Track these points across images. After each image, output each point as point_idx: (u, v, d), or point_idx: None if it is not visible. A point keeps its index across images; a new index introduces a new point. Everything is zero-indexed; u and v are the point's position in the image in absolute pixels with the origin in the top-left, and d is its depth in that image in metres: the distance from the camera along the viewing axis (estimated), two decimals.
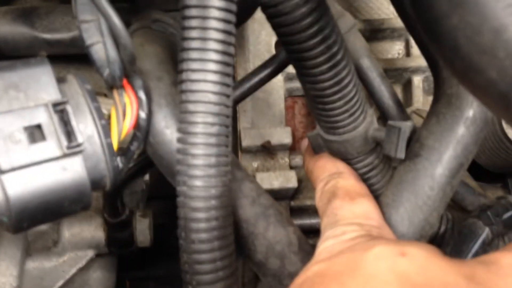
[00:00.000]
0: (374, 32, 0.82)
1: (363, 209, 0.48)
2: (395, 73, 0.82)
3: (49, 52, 0.59)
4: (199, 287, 0.43)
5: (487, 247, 0.62)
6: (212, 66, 0.41)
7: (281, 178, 0.74)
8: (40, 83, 0.39)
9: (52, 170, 0.38)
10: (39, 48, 0.58)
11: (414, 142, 0.53)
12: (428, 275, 0.36)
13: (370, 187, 0.55)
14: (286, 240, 0.50)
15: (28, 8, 0.61)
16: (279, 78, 0.79)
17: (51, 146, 0.38)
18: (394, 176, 0.53)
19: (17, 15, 0.58)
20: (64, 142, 0.38)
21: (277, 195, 0.75)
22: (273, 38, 0.78)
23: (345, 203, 0.48)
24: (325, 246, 0.45)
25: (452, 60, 0.33)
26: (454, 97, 0.52)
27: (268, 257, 0.50)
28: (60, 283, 0.75)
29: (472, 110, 0.51)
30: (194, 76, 0.41)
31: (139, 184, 0.78)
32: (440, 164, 0.51)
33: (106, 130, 0.41)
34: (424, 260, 0.37)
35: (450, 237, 0.65)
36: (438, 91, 0.55)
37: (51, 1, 0.62)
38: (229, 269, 0.44)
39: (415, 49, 0.83)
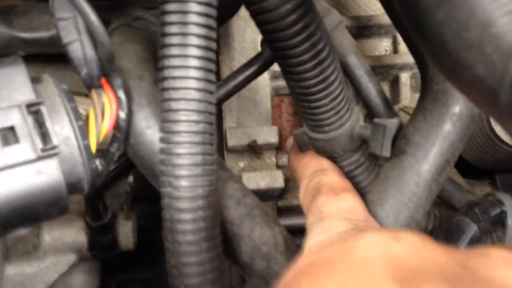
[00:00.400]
0: (361, 29, 0.81)
1: (348, 204, 0.48)
2: (383, 70, 0.81)
3: (27, 51, 0.57)
4: None
5: (475, 244, 0.62)
6: (194, 62, 0.40)
7: (268, 178, 0.73)
8: (14, 83, 0.37)
9: (27, 173, 0.36)
10: (16, 48, 0.56)
11: (400, 138, 0.52)
12: (421, 259, 0.35)
13: (356, 185, 0.55)
14: (272, 241, 0.49)
15: (6, 6, 0.60)
16: (265, 76, 0.78)
17: (25, 148, 0.37)
18: (380, 173, 0.53)
19: None
20: (39, 145, 0.37)
21: (263, 195, 0.74)
22: (259, 36, 0.77)
23: (329, 199, 0.48)
24: (313, 240, 0.44)
25: (439, 56, 0.32)
26: (441, 94, 0.52)
27: (254, 258, 0.49)
28: (41, 287, 0.73)
29: (458, 106, 0.51)
30: (176, 73, 0.40)
31: (123, 186, 0.76)
32: (426, 161, 0.50)
33: (83, 131, 0.39)
34: (417, 245, 0.36)
35: (438, 234, 0.65)
36: (425, 88, 0.54)
37: (29, 0, 0.61)
38: (218, 271, 0.43)
39: (402, 46, 0.82)
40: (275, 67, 0.70)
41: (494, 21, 0.28)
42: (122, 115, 0.43)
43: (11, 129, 0.36)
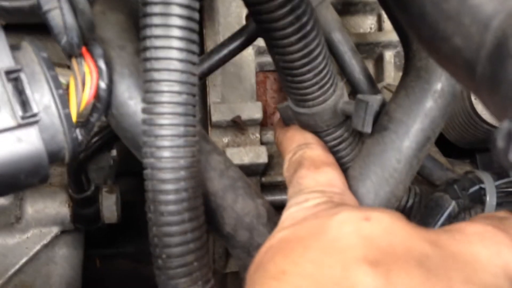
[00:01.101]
0: (346, 5, 0.81)
1: (327, 177, 0.48)
2: (367, 48, 0.81)
3: (8, 20, 0.56)
4: (169, 260, 0.42)
5: (453, 221, 0.63)
6: (177, 32, 0.39)
7: (252, 154, 0.73)
8: None
9: (6, 141, 0.36)
10: None
11: (382, 115, 0.53)
12: (392, 239, 0.36)
13: (339, 160, 0.55)
14: (255, 212, 0.50)
15: None
16: (250, 52, 0.78)
17: (5, 116, 0.36)
18: (362, 149, 0.53)
19: None
20: (19, 112, 0.37)
21: (247, 170, 0.74)
22: (244, 10, 0.76)
23: (309, 172, 0.48)
24: (288, 213, 0.45)
25: (419, 27, 0.32)
26: (423, 70, 0.52)
27: (237, 229, 0.49)
28: (24, 259, 0.73)
29: (440, 83, 0.51)
30: (158, 42, 0.39)
31: (106, 159, 0.76)
32: (407, 137, 0.51)
33: (64, 100, 0.39)
34: (388, 224, 0.37)
35: (417, 210, 0.66)
36: (408, 64, 0.55)
37: None
38: (199, 241, 0.43)
39: (387, 24, 0.82)
40: (260, 42, 0.70)
41: None
42: (103, 85, 0.43)
43: None
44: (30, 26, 0.62)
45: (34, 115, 0.37)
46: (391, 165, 0.51)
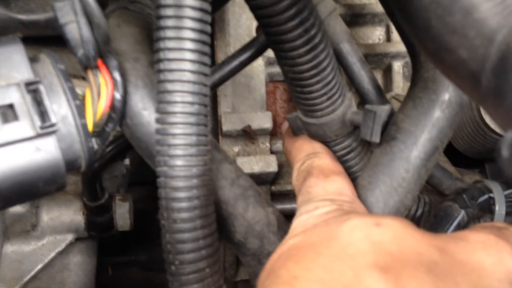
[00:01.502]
0: (355, 17, 0.82)
1: (336, 186, 0.49)
2: (376, 59, 0.82)
3: (25, 33, 0.58)
4: (182, 266, 0.43)
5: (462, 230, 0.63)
6: (189, 45, 0.40)
7: (262, 163, 0.74)
8: (12, 62, 0.38)
9: (26, 150, 0.37)
10: (14, 29, 0.57)
11: (391, 125, 0.54)
12: (402, 244, 0.37)
13: (348, 169, 0.56)
14: (265, 221, 0.51)
15: None
16: (260, 62, 0.79)
17: (24, 126, 0.38)
18: (371, 159, 0.54)
19: None
20: (38, 122, 0.38)
21: (257, 179, 0.75)
22: (254, 22, 0.78)
23: (318, 181, 0.49)
24: (299, 221, 0.45)
25: (425, 40, 0.33)
26: (431, 81, 0.53)
27: (248, 237, 0.50)
28: (39, 266, 0.75)
29: (448, 94, 0.52)
30: (171, 55, 0.41)
31: (119, 168, 0.77)
32: (416, 147, 0.51)
33: (80, 110, 0.40)
34: (398, 231, 0.38)
35: (426, 219, 0.66)
36: (416, 75, 0.55)
37: None
38: (211, 247, 0.44)
39: (395, 35, 0.83)
40: (270, 53, 0.72)
41: (476, 7, 0.29)
42: (118, 96, 0.44)
43: (10, 107, 0.37)
44: (45, 39, 0.64)
45: (52, 125, 0.38)
46: (399, 175, 0.51)
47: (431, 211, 0.67)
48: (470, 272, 0.36)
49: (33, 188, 0.38)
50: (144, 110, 0.47)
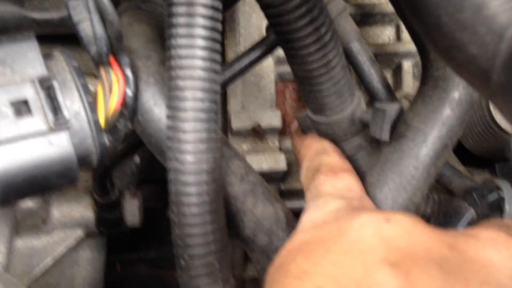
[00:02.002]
0: (365, 16, 0.82)
1: (345, 182, 0.49)
2: (385, 58, 0.82)
3: (38, 32, 0.58)
4: (191, 260, 0.43)
5: None
6: (200, 42, 0.41)
7: (271, 161, 0.74)
8: (27, 59, 0.39)
9: (39, 144, 0.38)
10: (28, 28, 0.58)
11: (400, 123, 0.54)
12: (412, 240, 0.37)
13: (357, 168, 0.56)
14: (274, 217, 0.51)
15: None
16: (270, 62, 0.79)
17: (38, 121, 0.38)
18: (380, 157, 0.54)
19: None
20: (51, 117, 0.39)
21: (266, 177, 0.75)
22: (264, 21, 0.78)
23: (327, 178, 0.49)
24: (308, 217, 0.46)
25: (435, 37, 0.33)
26: (441, 80, 0.53)
27: (257, 233, 0.50)
28: (50, 261, 0.75)
29: (458, 92, 0.52)
30: (183, 52, 0.41)
31: (129, 166, 0.78)
32: (425, 145, 0.51)
33: (92, 106, 0.41)
34: (408, 226, 0.38)
35: (436, 218, 0.66)
36: (426, 74, 0.55)
37: None
38: (220, 242, 0.44)
39: (405, 34, 0.83)
40: (280, 53, 0.72)
41: (487, 4, 0.29)
42: (129, 92, 0.45)
43: (25, 102, 0.38)
44: (59, 37, 0.64)
45: (65, 120, 0.39)
46: (408, 172, 0.51)
47: (441, 209, 0.67)
48: (480, 269, 0.36)
49: (45, 182, 0.39)
50: (155, 107, 0.47)
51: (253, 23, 0.77)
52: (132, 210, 0.80)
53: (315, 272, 0.36)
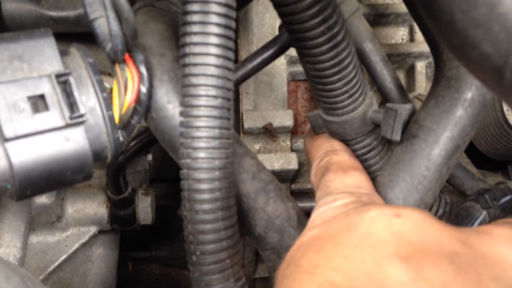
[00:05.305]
0: (378, 16, 0.82)
1: (354, 180, 0.49)
2: (399, 58, 0.82)
3: (55, 29, 0.59)
4: (203, 256, 0.43)
5: None
6: (214, 40, 0.41)
7: (282, 160, 0.75)
8: (44, 55, 0.40)
9: (55, 139, 0.39)
10: (44, 25, 0.58)
11: (412, 123, 0.54)
12: (422, 235, 0.37)
13: (368, 168, 0.56)
14: (285, 215, 0.51)
15: None
16: (282, 61, 0.79)
17: (54, 116, 0.39)
18: (391, 157, 0.54)
19: None
20: (67, 113, 0.39)
21: (278, 177, 0.75)
22: (277, 21, 0.78)
23: (337, 176, 0.50)
24: (318, 213, 0.46)
25: (449, 35, 0.33)
26: (454, 80, 0.52)
27: (268, 231, 0.51)
28: (63, 257, 0.76)
29: (470, 92, 0.51)
30: (196, 49, 0.41)
31: (142, 163, 0.79)
32: (437, 145, 0.51)
33: (107, 103, 0.42)
34: (419, 221, 0.38)
35: (447, 219, 0.66)
36: (438, 74, 0.55)
37: None
38: (232, 239, 0.44)
39: (419, 35, 0.83)
40: (292, 52, 0.72)
41: (500, 1, 0.29)
42: (143, 89, 0.45)
43: (41, 97, 0.39)
44: (74, 35, 0.65)
45: (81, 116, 0.40)
46: (420, 173, 0.51)
47: (452, 211, 0.67)
48: (493, 265, 0.36)
49: (61, 177, 0.40)
50: (168, 104, 0.48)
51: (266, 23, 0.77)
52: (145, 208, 0.81)
53: (326, 266, 0.36)
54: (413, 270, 0.34)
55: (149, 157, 0.79)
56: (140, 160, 0.78)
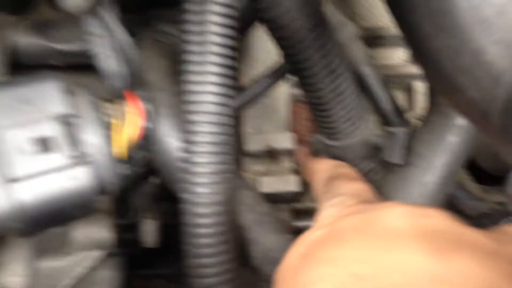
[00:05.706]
0: (377, 38, 0.83)
1: (362, 187, 0.48)
2: (397, 79, 0.83)
3: (61, 61, 0.61)
4: None
5: None
6: (213, 79, 0.42)
7: (284, 182, 0.75)
8: (50, 97, 0.41)
9: (61, 179, 0.40)
10: (51, 57, 0.60)
11: (406, 150, 0.54)
12: (457, 232, 0.35)
13: None
14: (281, 247, 0.52)
15: (43, 19, 0.64)
16: (284, 83, 0.80)
17: (60, 156, 0.41)
18: (385, 184, 0.54)
19: (31, 26, 0.61)
20: (73, 153, 0.41)
21: (279, 198, 0.76)
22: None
23: (344, 182, 0.49)
24: (326, 213, 0.43)
25: (437, 80, 0.34)
26: (444, 106, 0.53)
27: (264, 263, 0.51)
28: (69, 281, 0.77)
29: (461, 118, 0.52)
30: (196, 88, 0.43)
31: (148, 186, 0.80)
32: (431, 172, 0.51)
33: (111, 140, 0.43)
34: (447, 221, 0.37)
35: None
36: (432, 100, 0.56)
37: (63, 12, 0.64)
38: (233, 272, 0.45)
39: None
40: None
41: (484, 49, 0.30)
42: (147, 124, 0.47)
43: (48, 138, 0.40)
44: (80, 66, 0.67)
45: (86, 155, 0.41)
46: (413, 201, 0.51)
47: None
48: None
49: (66, 214, 0.41)
50: (166, 138, 0.49)
51: (267, 48, 0.78)
52: (149, 231, 0.82)
53: (350, 257, 0.35)
54: (441, 260, 0.33)
55: (156, 180, 0.80)
56: (146, 184, 0.79)
